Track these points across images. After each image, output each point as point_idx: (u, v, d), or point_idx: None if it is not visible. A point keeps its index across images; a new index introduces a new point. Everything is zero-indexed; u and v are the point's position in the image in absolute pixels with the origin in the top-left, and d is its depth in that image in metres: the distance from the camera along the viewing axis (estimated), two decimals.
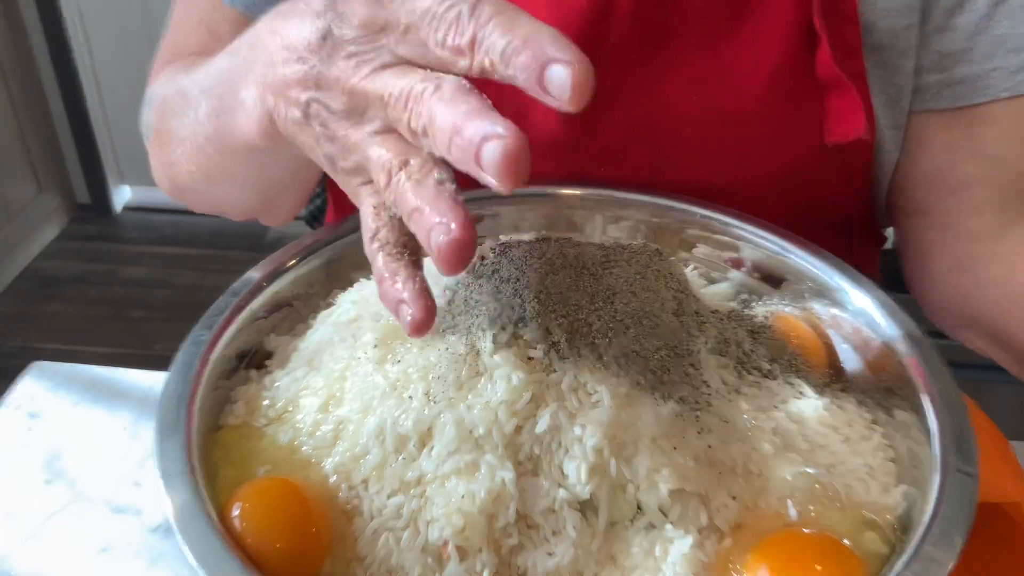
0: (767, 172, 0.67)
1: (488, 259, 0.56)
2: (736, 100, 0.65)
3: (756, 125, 0.65)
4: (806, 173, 0.68)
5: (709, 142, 0.67)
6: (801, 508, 0.48)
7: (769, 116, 0.66)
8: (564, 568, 0.46)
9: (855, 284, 0.58)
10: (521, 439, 0.48)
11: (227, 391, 0.55)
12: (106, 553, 0.62)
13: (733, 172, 0.67)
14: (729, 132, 0.66)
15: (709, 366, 0.53)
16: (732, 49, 0.64)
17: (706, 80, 0.65)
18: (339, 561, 0.47)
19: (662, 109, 0.66)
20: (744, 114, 0.65)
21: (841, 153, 0.66)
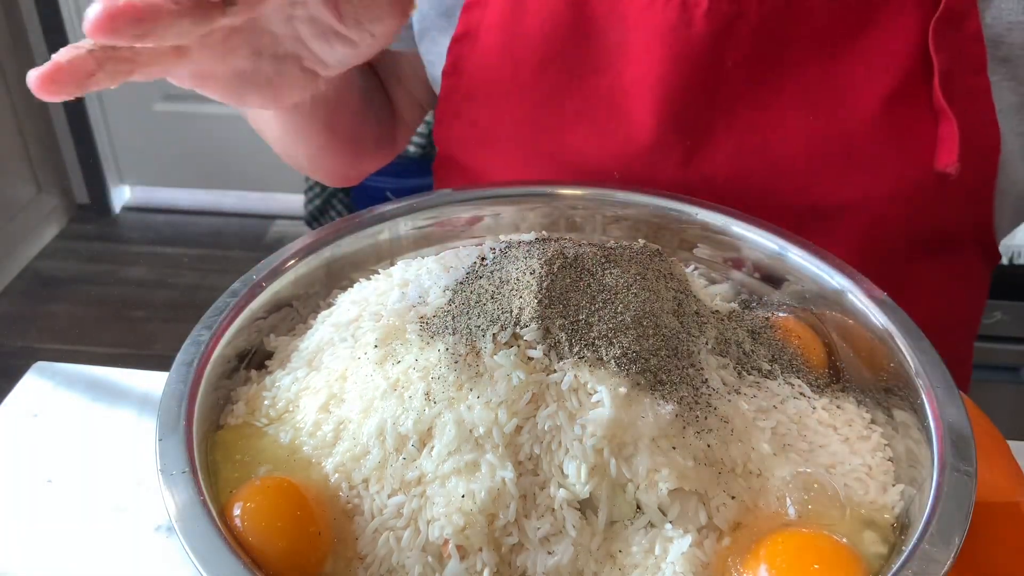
0: (880, 194, 0.66)
1: (488, 259, 0.56)
2: (849, 120, 0.64)
3: (868, 146, 0.65)
4: (923, 195, 0.66)
5: (820, 162, 0.66)
6: (800, 507, 0.48)
7: (882, 137, 0.64)
8: (564, 567, 0.46)
9: (855, 284, 0.58)
10: (521, 439, 0.48)
11: (227, 391, 0.56)
12: (107, 552, 0.62)
13: (843, 193, 0.66)
14: (840, 152, 0.65)
15: (709, 366, 0.53)
16: (848, 67, 0.64)
17: (820, 99, 0.64)
18: (340, 560, 0.47)
19: (773, 129, 0.65)
20: (857, 134, 0.64)
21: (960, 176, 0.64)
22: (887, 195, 0.66)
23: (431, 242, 0.67)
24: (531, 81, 0.68)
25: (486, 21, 0.69)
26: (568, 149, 0.69)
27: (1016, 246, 1.67)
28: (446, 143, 0.76)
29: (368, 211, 0.65)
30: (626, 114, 0.67)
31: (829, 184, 0.66)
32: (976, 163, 0.65)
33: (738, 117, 0.66)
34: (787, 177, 0.67)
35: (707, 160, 0.67)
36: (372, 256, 0.65)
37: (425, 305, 0.54)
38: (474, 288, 0.54)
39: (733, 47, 0.64)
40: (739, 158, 0.66)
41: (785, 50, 0.64)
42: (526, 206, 0.68)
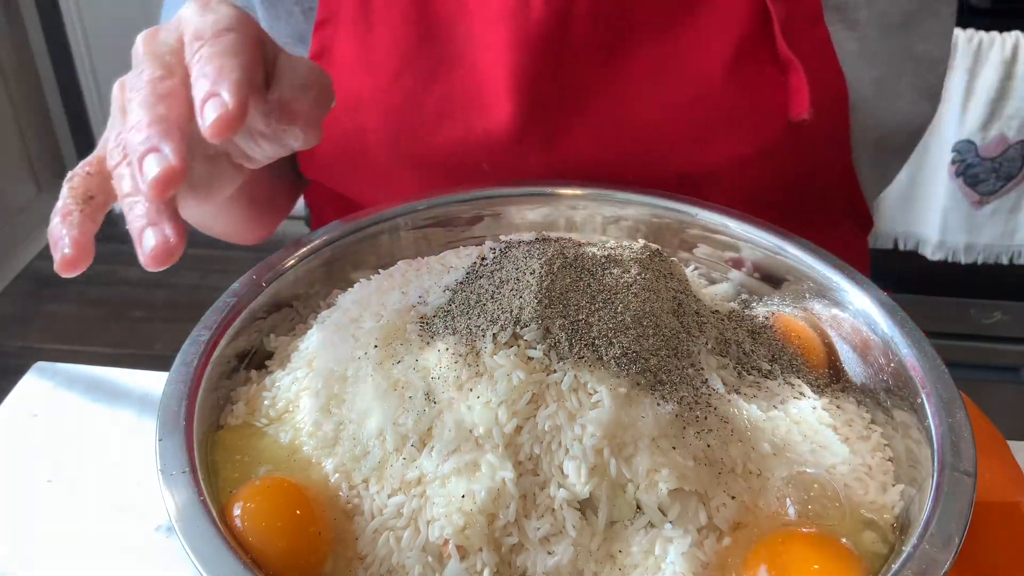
0: (741, 153, 0.68)
1: (488, 259, 0.56)
2: (698, 86, 0.66)
3: (721, 108, 0.66)
4: (783, 149, 0.68)
5: (679, 130, 0.67)
6: (800, 507, 0.48)
7: (733, 98, 0.66)
8: (564, 567, 0.46)
9: (855, 284, 0.58)
10: (521, 439, 0.48)
11: (227, 391, 0.56)
12: (107, 553, 0.62)
13: (706, 158, 0.68)
14: (696, 118, 0.67)
15: (709, 366, 0.53)
16: (688, 36, 0.65)
17: (666, 70, 0.66)
18: (340, 560, 0.47)
19: (628, 104, 0.67)
20: (707, 99, 0.66)
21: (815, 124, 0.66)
22: (749, 154, 0.67)
23: (431, 242, 0.67)
24: (389, 87, 0.69)
25: (338, 36, 0.69)
26: (434, 151, 0.70)
27: (1016, 246, 1.67)
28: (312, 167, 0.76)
29: (368, 211, 0.65)
30: (485, 106, 0.67)
31: (691, 150, 0.68)
32: (827, 112, 0.67)
33: (593, 97, 0.67)
34: (650, 149, 0.68)
35: (570, 142, 0.68)
36: (372, 256, 0.65)
37: (425, 305, 0.54)
38: (474, 288, 0.54)
39: (575, 29, 0.65)
40: (601, 136, 0.67)
41: (628, 29, 0.65)
42: (526, 206, 0.68)
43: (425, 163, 0.70)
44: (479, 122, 0.68)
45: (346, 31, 0.69)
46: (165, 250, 0.44)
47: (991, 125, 1.54)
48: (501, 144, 0.68)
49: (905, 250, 1.69)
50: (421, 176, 0.71)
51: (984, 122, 1.54)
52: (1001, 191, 1.62)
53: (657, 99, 0.66)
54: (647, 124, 0.67)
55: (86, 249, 0.45)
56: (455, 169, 0.70)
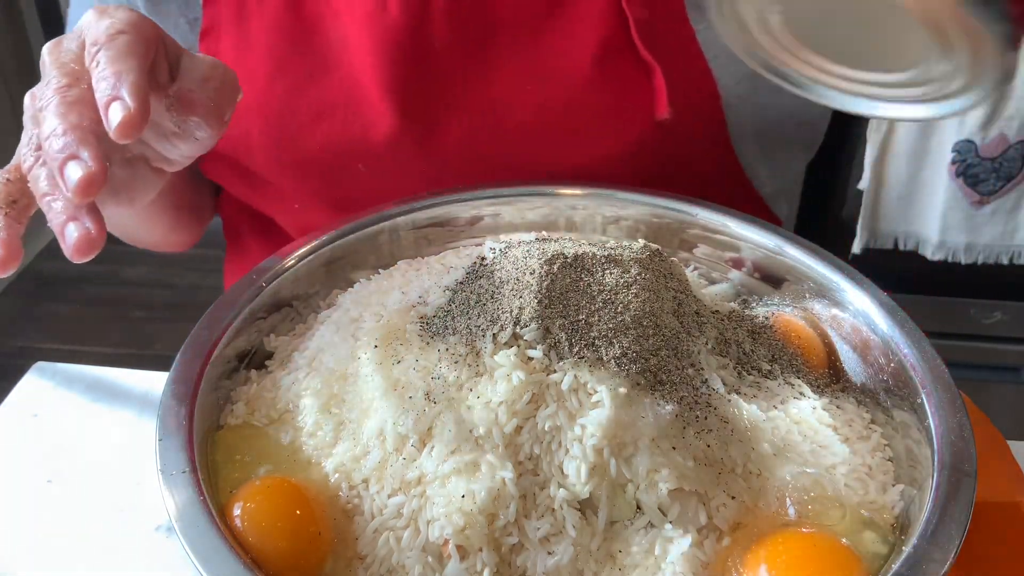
0: (609, 152, 0.69)
1: (488, 259, 0.56)
2: (565, 88, 0.67)
3: (587, 108, 0.67)
4: (652, 147, 0.69)
5: (548, 130, 0.69)
6: (800, 508, 0.48)
7: (598, 98, 0.67)
8: (564, 567, 0.46)
9: (855, 284, 0.58)
10: (521, 439, 0.48)
11: (227, 391, 0.56)
12: (107, 553, 0.62)
13: (576, 156, 0.69)
14: (564, 118, 0.68)
15: (709, 366, 0.53)
16: (553, 39, 0.66)
17: (533, 72, 0.67)
18: (340, 560, 0.47)
19: (498, 104, 0.68)
20: (574, 99, 0.67)
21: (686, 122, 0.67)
22: (617, 152, 0.69)
23: (431, 242, 0.67)
24: (266, 92, 0.69)
25: (221, 44, 0.70)
26: (312, 154, 0.70)
27: (1016, 246, 1.67)
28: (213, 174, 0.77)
29: (368, 211, 0.65)
30: (359, 109, 0.68)
31: (562, 149, 0.69)
32: (698, 109, 0.68)
33: (462, 97, 0.68)
34: (522, 147, 0.69)
35: (444, 141, 0.69)
36: (372, 256, 0.65)
37: (425, 305, 0.54)
38: (474, 288, 0.54)
39: (435, 31, 0.66)
40: (474, 136, 0.69)
41: (491, 31, 0.66)
42: (526, 206, 0.68)
43: (304, 167, 0.71)
44: (354, 124, 0.69)
45: (227, 39, 0.70)
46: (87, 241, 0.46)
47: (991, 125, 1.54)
48: (377, 146, 0.69)
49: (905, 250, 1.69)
50: (301, 179, 0.72)
51: (984, 122, 1.54)
52: (1001, 191, 1.62)
53: (526, 100, 0.68)
54: (518, 124, 0.68)
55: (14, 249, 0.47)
56: (333, 171, 0.71)
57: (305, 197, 0.73)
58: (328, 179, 0.71)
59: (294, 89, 0.69)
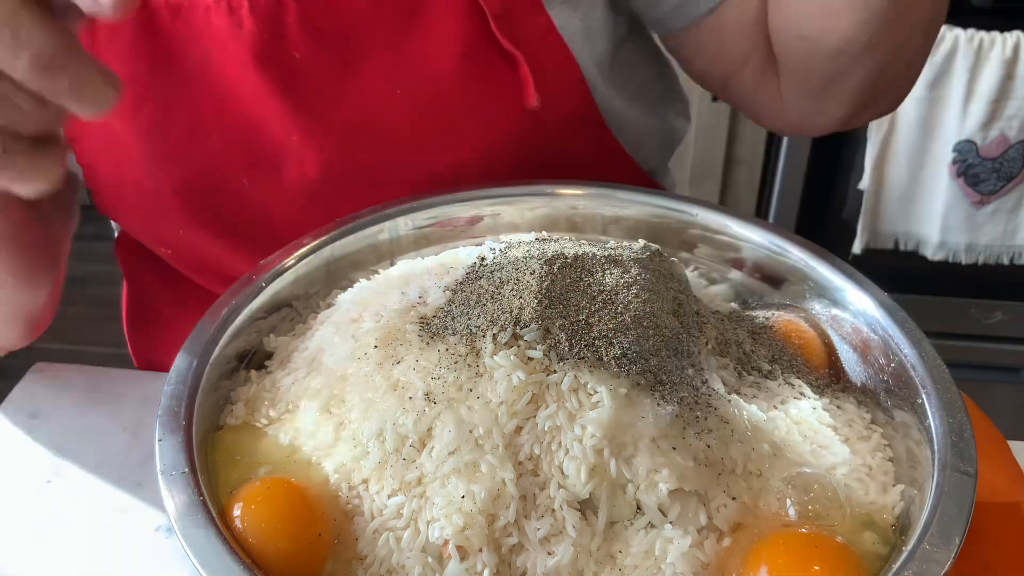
0: (486, 145, 0.69)
1: (488, 259, 0.56)
2: (433, 88, 0.67)
3: (458, 106, 0.68)
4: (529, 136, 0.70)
5: (422, 131, 0.69)
6: (800, 508, 0.48)
7: (468, 94, 0.67)
8: (564, 567, 0.46)
9: (855, 284, 0.58)
10: (521, 439, 0.48)
11: (227, 391, 0.56)
12: (107, 553, 0.62)
13: (456, 152, 0.70)
14: (437, 118, 0.68)
15: (709, 366, 0.53)
16: (416, 43, 0.66)
17: (400, 76, 0.67)
18: (340, 561, 0.47)
19: (369, 111, 0.68)
20: (443, 98, 0.67)
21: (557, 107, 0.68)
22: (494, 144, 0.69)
23: (431, 242, 0.67)
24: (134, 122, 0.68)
25: None
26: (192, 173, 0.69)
27: (1017, 246, 1.67)
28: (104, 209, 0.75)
29: (368, 211, 0.65)
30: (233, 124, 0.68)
31: (439, 148, 0.69)
32: (567, 93, 0.69)
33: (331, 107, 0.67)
34: (400, 151, 0.69)
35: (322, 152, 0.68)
36: (372, 256, 0.65)
37: (425, 305, 0.54)
38: (474, 288, 0.54)
39: (292, 44, 0.65)
40: (350, 145, 0.68)
41: (351, 41, 0.66)
42: (526, 206, 0.68)
43: (186, 186, 0.70)
44: (232, 139, 0.68)
45: None
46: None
47: (992, 125, 1.54)
48: (256, 159, 0.68)
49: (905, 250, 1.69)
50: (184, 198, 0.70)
51: (985, 122, 1.54)
52: (1002, 191, 1.62)
53: (396, 104, 0.68)
54: (391, 129, 0.68)
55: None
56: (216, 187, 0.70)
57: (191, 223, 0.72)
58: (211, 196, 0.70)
59: (161, 110, 0.68)
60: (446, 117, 0.68)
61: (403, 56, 0.67)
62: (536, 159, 0.71)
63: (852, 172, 1.65)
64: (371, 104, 0.67)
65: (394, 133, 0.68)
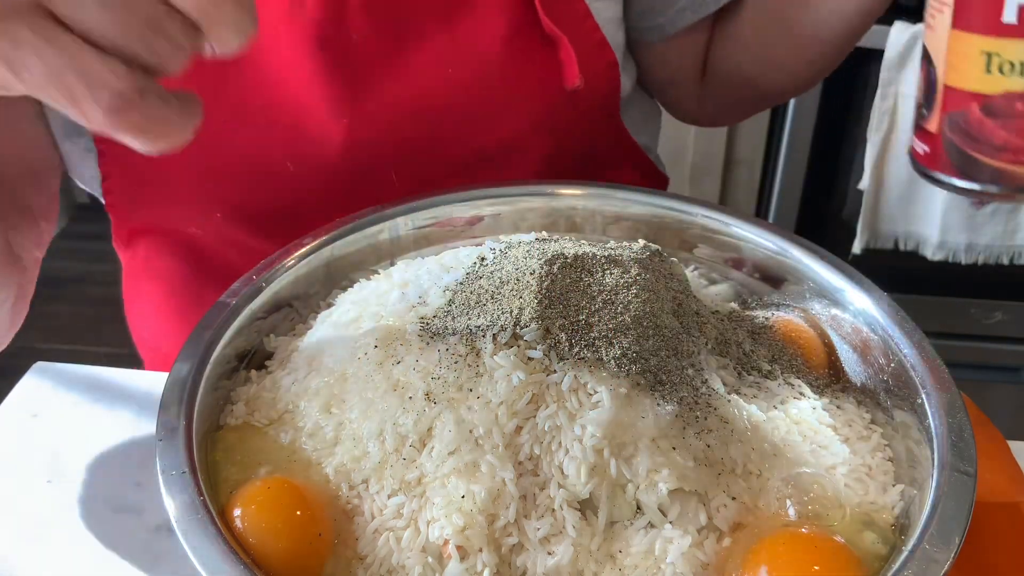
0: (525, 125, 0.72)
1: (488, 259, 0.56)
2: (478, 68, 0.70)
3: (500, 86, 0.71)
4: (562, 118, 0.73)
5: (466, 110, 0.71)
6: (800, 508, 0.48)
7: (510, 75, 0.70)
8: (564, 567, 0.46)
9: (855, 284, 0.58)
10: (521, 439, 0.48)
11: (227, 391, 0.56)
12: (107, 553, 0.62)
13: (495, 133, 0.72)
14: (480, 97, 0.71)
15: (709, 366, 0.53)
16: (464, 24, 0.69)
17: (448, 57, 0.69)
18: (340, 561, 0.47)
19: (417, 91, 0.69)
20: (488, 80, 0.70)
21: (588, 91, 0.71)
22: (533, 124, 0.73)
23: (431, 242, 0.67)
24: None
25: None
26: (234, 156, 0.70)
27: (1017, 246, 1.67)
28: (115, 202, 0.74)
29: (368, 211, 0.65)
30: (281, 106, 0.69)
31: (481, 127, 0.72)
32: (599, 78, 0.73)
33: (382, 87, 0.69)
34: (446, 130, 0.71)
35: (367, 130, 0.70)
36: (372, 256, 0.65)
37: (425, 305, 0.54)
38: (474, 288, 0.54)
39: (353, 24, 0.67)
40: (397, 123, 0.70)
41: (405, 21, 0.68)
42: (526, 206, 0.68)
43: (226, 169, 0.70)
44: (277, 122, 0.69)
45: None
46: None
47: None
48: (303, 141, 0.69)
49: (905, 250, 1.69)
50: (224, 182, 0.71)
51: None
52: None
53: (443, 83, 0.70)
54: (438, 107, 0.70)
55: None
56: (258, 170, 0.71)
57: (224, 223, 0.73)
58: (250, 178, 0.71)
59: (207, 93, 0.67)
60: (488, 97, 0.71)
61: (452, 37, 0.69)
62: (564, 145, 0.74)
63: (852, 172, 1.65)
64: (418, 83, 0.69)
65: (438, 112, 0.70)
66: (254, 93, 0.69)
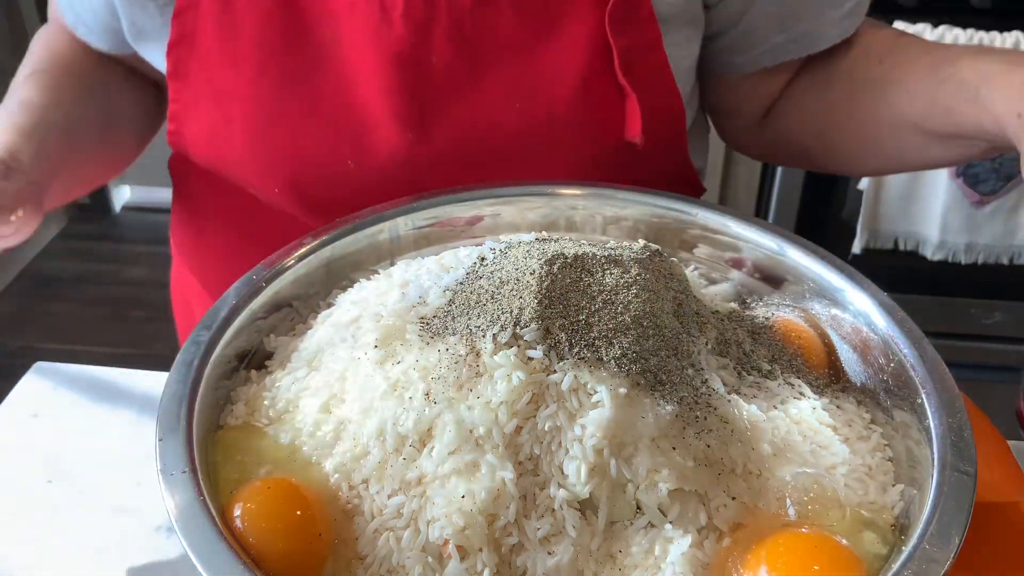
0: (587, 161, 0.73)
1: (488, 259, 0.56)
2: (548, 107, 0.71)
3: (567, 128, 0.72)
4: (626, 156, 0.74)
5: (529, 145, 0.72)
6: (800, 508, 0.48)
7: (578, 118, 0.71)
8: (564, 567, 0.46)
9: (855, 284, 0.58)
10: (521, 439, 0.48)
11: (227, 391, 0.56)
12: (107, 553, 0.62)
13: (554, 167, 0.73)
14: (547, 136, 0.72)
15: (709, 366, 0.53)
16: (541, 63, 0.70)
17: (520, 91, 0.70)
18: (340, 561, 0.47)
19: (484, 119, 0.71)
20: (556, 119, 0.71)
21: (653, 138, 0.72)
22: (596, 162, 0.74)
23: (431, 242, 0.67)
24: (254, 82, 0.71)
25: (200, 25, 0.71)
26: (298, 147, 0.72)
27: (1016, 246, 1.67)
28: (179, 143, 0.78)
29: (368, 211, 0.65)
30: (352, 110, 0.71)
31: (543, 163, 0.73)
32: (665, 126, 0.74)
33: (452, 110, 0.71)
34: (502, 159, 0.73)
35: (430, 147, 0.71)
36: (372, 256, 0.65)
37: (425, 305, 0.54)
38: (474, 288, 0.54)
39: (435, 48, 0.69)
40: (459, 145, 0.72)
41: (486, 52, 0.70)
42: (526, 206, 0.68)
43: (291, 151, 0.73)
44: (346, 125, 0.71)
45: (209, 21, 0.71)
46: None
47: None
48: (367, 144, 0.71)
49: (905, 250, 1.70)
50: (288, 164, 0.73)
51: None
52: (1001, 191, 1.62)
53: (512, 116, 0.71)
54: (504, 138, 0.72)
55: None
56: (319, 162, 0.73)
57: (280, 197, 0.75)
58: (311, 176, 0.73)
59: (284, 81, 0.71)
60: (555, 136, 0.72)
61: (527, 73, 0.70)
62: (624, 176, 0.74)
63: None
64: (489, 113, 0.71)
65: (504, 143, 0.72)
66: (331, 91, 0.70)
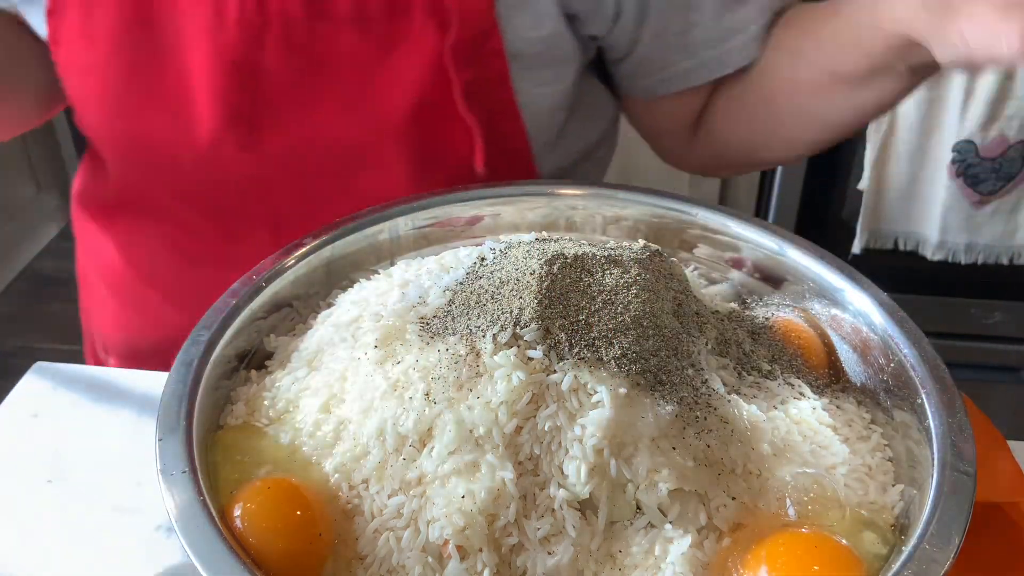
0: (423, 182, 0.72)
1: (488, 259, 0.56)
2: (382, 125, 0.71)
3: (401, 147, 0.72)
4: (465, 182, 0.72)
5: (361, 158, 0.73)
6: (800, 508, 0.48)
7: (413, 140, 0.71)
8: (564, 567, 0.46)
9: (855, 284, 0.58)
10: (521, 439, 0.48)
11: (227, 391, 0.56)
12: (107, 553, 0.62)
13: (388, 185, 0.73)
14: (381, 155, 0.72)
15: (709, 366, 0.53)
16: (377, 84, 0.70)
17: (356, 107, 0.71)
18: (340, 560, 0.47)
19: (319, 130, 0.72)
20: (389, 137, 0.71)
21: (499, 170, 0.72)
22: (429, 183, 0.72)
23: (431, 242, 0.67)
24: (107, 60, 0.72)
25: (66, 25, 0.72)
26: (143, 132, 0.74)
27: (1016, 246, 1.67)
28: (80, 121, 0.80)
29: (368, 211, 0.65)
30: (186, 105, 0.72)
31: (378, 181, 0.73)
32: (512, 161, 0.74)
33: (286, 115, 0.71)
34: (335, 169, 0.73)
35: (267, 152, 0.72)
36: (372, 256, 0.65)
37: (425, 305, 0.54)
38: (474, 288, 0.54)
39: (266, 56, 0.70)
40: (292, 150, 0.73)
41: (319, 66, 0.70)
42: (526, 206, 0.68)
43: (135, 142, 0.75)
44: (184, 113, 0.72)
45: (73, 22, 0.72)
46: None
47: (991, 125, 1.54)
48: (202, 138, 0.72)
49: (905, 250, 1.69)
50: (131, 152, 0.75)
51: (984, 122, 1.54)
52: (1001, 191, 1.62)
53: (345, 129, 0.72)
54: (337, 152, 0.72)
55: None
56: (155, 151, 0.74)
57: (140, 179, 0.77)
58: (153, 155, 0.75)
59: (132, 65, 0.72)
60: (389, 157, 0.72)
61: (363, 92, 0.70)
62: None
63: (852, 172, 1.65)
64: (322, 124, 0.71)
65: (337, 156, 0.73)
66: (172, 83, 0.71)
